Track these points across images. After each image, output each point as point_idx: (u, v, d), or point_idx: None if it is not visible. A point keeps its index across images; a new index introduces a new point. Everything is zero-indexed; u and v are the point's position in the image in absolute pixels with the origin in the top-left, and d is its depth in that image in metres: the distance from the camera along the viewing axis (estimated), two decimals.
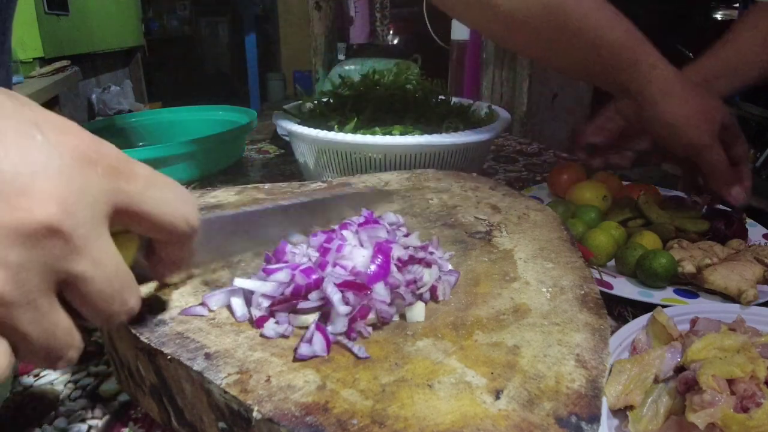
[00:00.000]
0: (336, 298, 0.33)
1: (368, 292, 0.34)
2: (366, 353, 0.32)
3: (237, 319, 0.34)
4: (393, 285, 0.35)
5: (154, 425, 0.38)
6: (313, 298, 0.34)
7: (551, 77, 1.94)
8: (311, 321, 0.33)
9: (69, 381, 0.43)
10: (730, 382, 0.34)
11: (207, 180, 0.91)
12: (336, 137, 0.68)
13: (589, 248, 0.57)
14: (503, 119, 0.79)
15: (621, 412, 0.37)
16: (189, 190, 0.29)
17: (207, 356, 0.31)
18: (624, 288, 0.53)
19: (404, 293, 0.35)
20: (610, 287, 0.53)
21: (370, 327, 0.34)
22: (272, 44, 4.99)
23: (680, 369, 0.38)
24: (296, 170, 0.96)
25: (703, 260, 0.53)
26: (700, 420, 0.32)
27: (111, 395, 0.41)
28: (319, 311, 0.34)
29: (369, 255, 0.36)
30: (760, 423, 0.32)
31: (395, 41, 3.01)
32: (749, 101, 1.56)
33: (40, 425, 0.38)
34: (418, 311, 0.35)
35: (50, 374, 0.44)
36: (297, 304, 0.34)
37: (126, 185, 0.25)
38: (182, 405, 0.32)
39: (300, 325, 0.34)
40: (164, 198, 0.27)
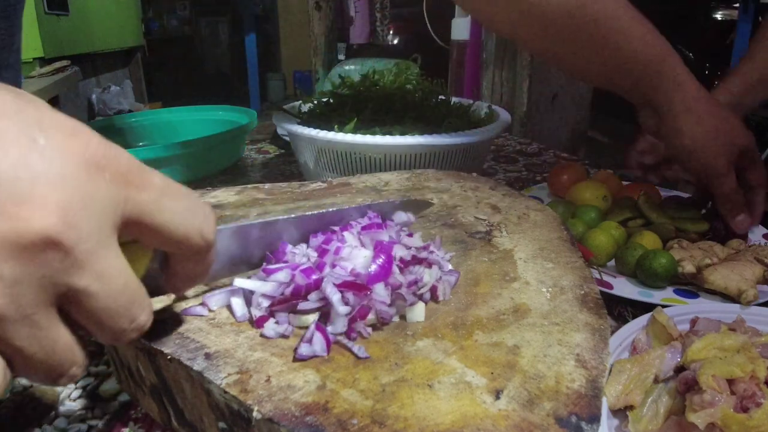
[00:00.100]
0: (335, 299, 0.33)
1: (368, 293, 0.34)
2: (366, 353, 0.32)
3: (237, 319, 0.34)
4: (394, 285, 0.35)
5: (154, 425, 0.38)
6: (313, 299, 0.34)
7: (551, 77, 1.95)
8: (311, 321, 0.33)
9: None
10: (730, 382, 0.34)
11: (207, 180, 0.91)
12: (336, 137, 0.68)
13: (589, 248, 0.57)
14: (503, 119, 0.79)
15: (621, 412, 0.37)
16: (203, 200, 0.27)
17: (207, 356, 0.31)
18: (624, 288, 0.53)
19: (405, 294, 0.35)
20: (610, 287, 0.53)
21: (370, 327, 0.34)
22: (272, 44, 4.99)
23: (680, 369, 0.38)
24: (296, 170, 0.96)
25: (703, 260, 0.53)
26: (700, 420, 0.32)
27: (111, 395, 0.41)
28: (319, 311, 0.34)
29: (370, 255, 0.36)
30: (760, 423, 0.32)
31: (395, 41, 3.01)
32: None
33: (40, 425, 0.38)
34: (418, 311, 0.35)
35: None
36: (297, 304, 0.34)
37: (137, 194, 0.23)
38: (182, 405, 0.32)
39: (300, 325, 0.34)
40: (178, 209, 0.25)
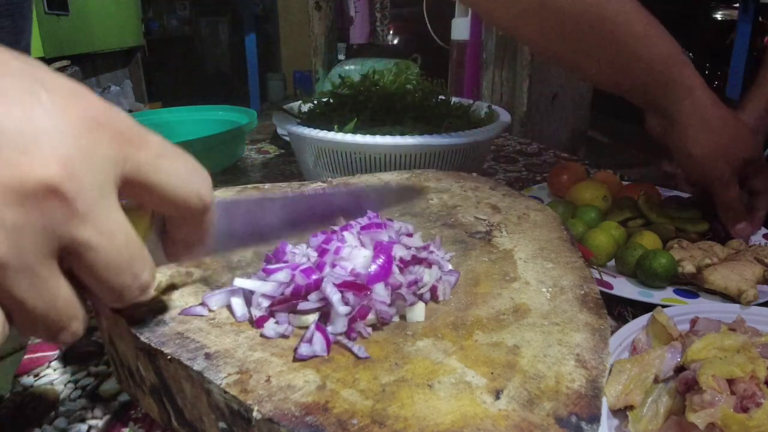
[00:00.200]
0: (335, 299, 0.33)
1: (368, 293, 0.34)
2: (366, 353, 0.32)
3: (237, 319, 0.34)
4: (394, 286, 0.35)
5: (154, 425, 0.38)
6: (313, 299, 0.34)
7: (551, 77, 1.95)
8: (311, 321, 0.33)
9: (69, 381, 0.43)
10: (730, 382, 0.34)
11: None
12: (336, 137, 0.68)
13: (589, 248, 0.57)
14: (503, 119, 0.79)
15: (621, 412, 0.37)
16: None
17: (207, 356, 0.31)
18: (624, 288, 0.53)
19: (405, 294, 0.35)
20: (610, 287, 0.53)
21: (370, 327, 0.34)
22: (272, 44, 4.99)
23: (680, 369, 0.38)
24: (296, 170, 0.96)
25: (703, 260, 0.53)
26: (700, 420, 0.32)
27: (111, 395, 0.41)
28: (319, 311, 0.34)
29: (370, 255, 0.36)
30: (760, 423, 0.31)
31: (395, 41, 3.01)
32: None
33: (40, 425, 0.38)
34: (419, 311, 0.35)
35: (50, 374, 0.44)
36: (297, 304, 0.34)
37: (136, 153, 0.23)
38: (182, 405, 0.32)
39: (300, 325, 0.34)
40: (176, 169, 0.25)
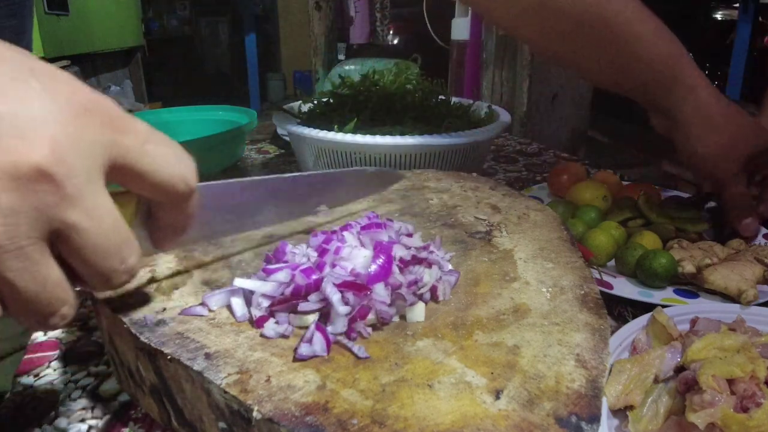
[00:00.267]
0: (335, 299, 0.33)
1: (368, 293, 0.34)
2: (366, 353, 0.32)
3: (237, 319, 0.34)
4: (394, 286, 0.35)
5: (154, 425, 0.38)
6: (313, 299, 0.34)
7: (551, 77, 1.94)
8: (311, 321, 0.33)
9: (69, 381, 0.43)
10: (730, 382, 0.34)
11: (207, 180, 0.91)
12: (336, 137, 0.68)
13: (589, 248, 0.57)
14: (503, 119, 0.79)
15: (621, 412, 0.37)
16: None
17: (207, 356, 0.31)
18: (624, 288, 0.53)
19: (405, 294, 0.35)
20: (610, 287, 0.53)
21: (370, 327, 0.34)
22: (272, 44, 4.99)
23: (680, 369, 0.38)
24: (296, 170, 0.96)
25: (703, 260, 0.53)
26: (700, 420, 0.32)
27: (111, 395, 0.41)
28: (319, 311, 0.34)
29: (370, 255, 0.36)
30: (760, 423, 0.31)
31: (395, 41, 3.01)
32: (751, 101, 1.56)
33: (40, 425, 0.38)
34: (419, 311, 0.35)
35: (50, 374, 0.43)
36: (297, 305, 0.34)
37: (123, 139, 0.24)
38: (182, 405, 0.32)
39: (300, 325, 0.34)
40: (162, 155, 0.26)
